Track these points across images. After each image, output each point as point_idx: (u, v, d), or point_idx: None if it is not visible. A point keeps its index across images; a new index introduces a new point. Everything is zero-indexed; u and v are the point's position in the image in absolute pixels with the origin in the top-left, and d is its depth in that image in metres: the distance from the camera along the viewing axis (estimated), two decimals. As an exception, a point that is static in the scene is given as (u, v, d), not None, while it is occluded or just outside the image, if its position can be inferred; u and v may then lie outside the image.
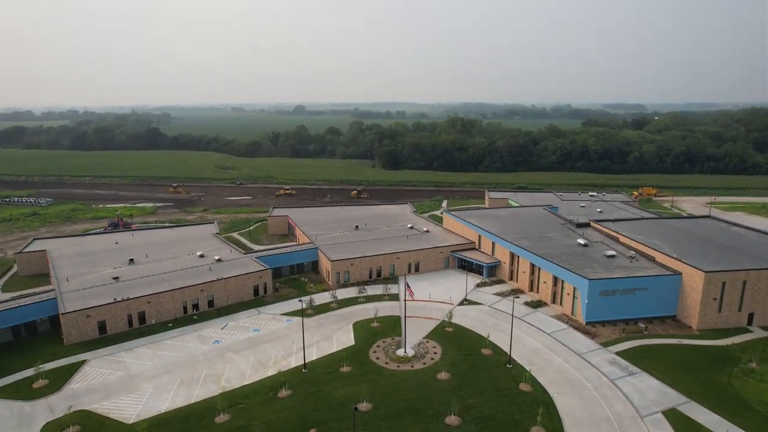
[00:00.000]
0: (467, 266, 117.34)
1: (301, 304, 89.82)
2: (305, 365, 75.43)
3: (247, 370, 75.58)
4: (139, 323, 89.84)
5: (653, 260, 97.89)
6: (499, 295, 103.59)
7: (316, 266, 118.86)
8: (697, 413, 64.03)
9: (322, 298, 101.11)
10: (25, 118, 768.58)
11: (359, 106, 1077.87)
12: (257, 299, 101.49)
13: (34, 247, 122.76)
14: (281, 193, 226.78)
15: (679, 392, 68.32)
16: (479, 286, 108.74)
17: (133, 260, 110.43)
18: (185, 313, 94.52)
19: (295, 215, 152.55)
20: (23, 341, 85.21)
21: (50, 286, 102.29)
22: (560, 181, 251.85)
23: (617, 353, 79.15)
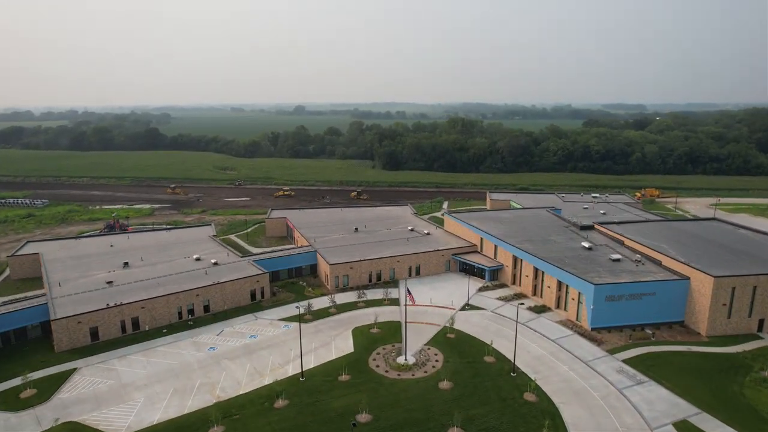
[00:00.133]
0: (469, 270, 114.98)
1: (299, 309, 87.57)
2: (303, 373, 73.16)
3: (242, 378, 73.27)
4: (132, 329, 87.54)
5: (660, 264, 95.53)
6: (501, 299, 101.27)
7: (314, 270, 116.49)
8: (709, 425, 61.63)
9: (320, 302, 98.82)
10: (24, 118, 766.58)
11: (359, 106, 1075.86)
12: (254, 304, 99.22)
13: (27, 250, 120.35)
14: (280, 194, 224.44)
15: (689, 403, 65.95)
16: (481, 290, 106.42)
17: (127, 264, 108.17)
18: (180, 318, 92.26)
19: (293, 217, 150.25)
20: (13, 348, 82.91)
21: (42, 290, 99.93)
22: (562, 182, 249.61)
23: (624, 361, 76.85)
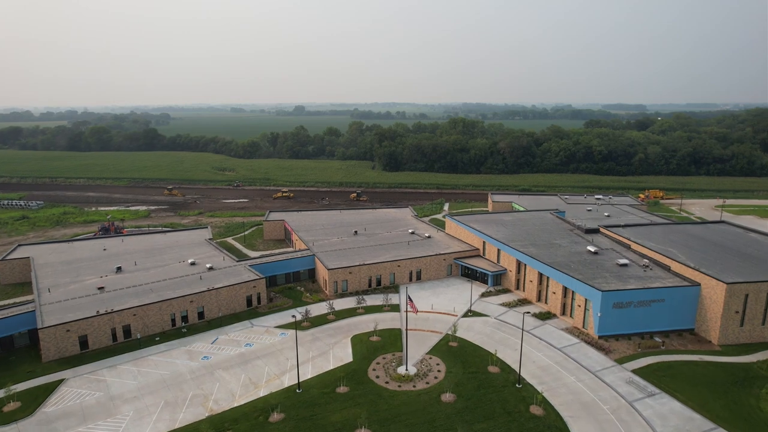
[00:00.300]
0: (471, 274, 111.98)
1: (294, 318, 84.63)
2: (299, 385, 70.22)
3: (237, 389, 70.32)
4: (123, 337, 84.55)
5: (668, 269, 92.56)
6: (505, 305, 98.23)
7: (313, 274, 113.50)
8: (725, 442, 58.77)
9: (318, 308, 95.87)
10: (23, 118, 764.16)
11: (359, 106, 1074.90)
12: (250, 310, 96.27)
13: (18, 253, 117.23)
14: (279, 195, 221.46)
15: (704, 417, 62.97)
16: (484, 295, 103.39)
17: (120, 268, 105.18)
18: (174, 325, 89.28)
19: (291, 220, 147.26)
20: (-1, 357, 79.98)
21: (31, 296, 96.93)
22: (564, 183, 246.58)
23: (633, 371, 73.89)
